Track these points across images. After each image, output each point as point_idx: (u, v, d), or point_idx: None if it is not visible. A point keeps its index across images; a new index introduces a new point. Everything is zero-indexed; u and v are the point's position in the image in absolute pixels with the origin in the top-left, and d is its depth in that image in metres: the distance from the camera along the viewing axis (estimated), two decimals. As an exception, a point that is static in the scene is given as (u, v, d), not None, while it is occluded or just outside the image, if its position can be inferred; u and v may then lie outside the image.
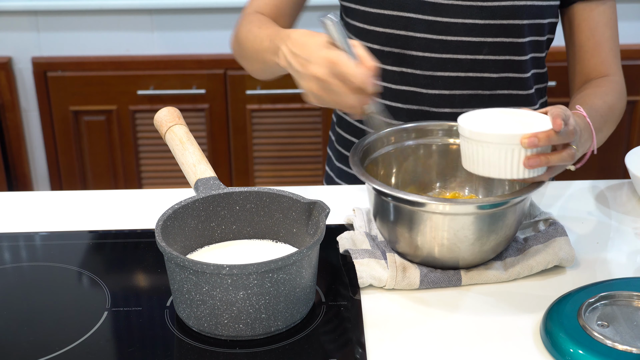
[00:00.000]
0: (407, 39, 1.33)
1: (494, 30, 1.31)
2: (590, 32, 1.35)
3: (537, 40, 1.36)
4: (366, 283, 1.07)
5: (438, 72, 1.34)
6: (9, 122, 2.53)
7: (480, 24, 1.30)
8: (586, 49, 1.36)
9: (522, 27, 1.31)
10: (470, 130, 1.05)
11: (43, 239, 1.23)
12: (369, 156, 1.18)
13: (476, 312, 1.04)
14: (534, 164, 1.03)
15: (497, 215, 1.05)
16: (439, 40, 1.32)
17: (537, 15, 1.32)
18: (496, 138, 1.03)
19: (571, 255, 1.12)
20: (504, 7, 1.29)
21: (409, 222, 1.06)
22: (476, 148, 1.05)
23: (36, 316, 1.03)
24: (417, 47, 1.33)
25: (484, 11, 1.29)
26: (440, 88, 1.35)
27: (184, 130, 1.16)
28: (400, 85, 1.36)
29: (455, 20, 1.30)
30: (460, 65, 1.33)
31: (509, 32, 1.31)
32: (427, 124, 1.23)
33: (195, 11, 2.46)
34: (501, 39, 1.32)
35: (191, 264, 0.94)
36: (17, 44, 2.47)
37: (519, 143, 1.02)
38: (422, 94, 1.35)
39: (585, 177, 2.21)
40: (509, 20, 1.30)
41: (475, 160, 1.06)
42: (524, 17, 1.31)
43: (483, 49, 1.32)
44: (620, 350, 0.91)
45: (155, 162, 2.56)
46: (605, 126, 1.28)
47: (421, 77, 1.34)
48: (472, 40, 1.31)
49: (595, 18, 1.35)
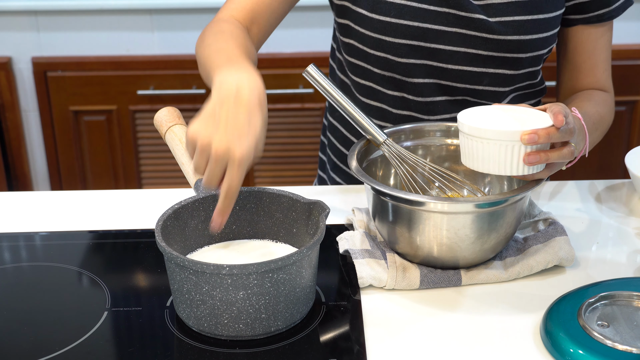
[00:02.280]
0: (408, 66, 1.30)
1: (496, 62, 1.29)
2: (587, 55, 1.34)
3: (534, 70, 1.34)
4: (366, 283, 1.07)
5: (437, 97, 1.32)
6: (9, 122, 2.53)
7: (484, 55, 1.28)
8: (581, 69, 1.35)
9: (524, 60, 1.29)
10: (470, 127, 1.05)
11: (43, 239, 1.23)
12: (367, 157, 1.18)
13: (476, 312, 1.04)
14: (533, 160, 1.03)
15: (496, 214, 1.05)
16: (443, 68, 1.30)
17: (539, 47, 1.29)
18: (496, 134, 1.03)
19: (571, 255, 1.12)
20: (510, 42, 1.26)
21: (408, 222, 1.06)
22: (476, 144, 1.05)
23: (36, 316, 1.03)
24: (419, 74, 1.30)
25: (489, 43, 1.27)
26: (440, 113, 1.34)
27: (184, 130, 1.16)
28: (400, 110, 1.35)
29: (458, 49, 1.27)
30: (459, 92, 1.32)
31: (510, 64, 1.29)
32: (424, 125, 1.23)
33: (195, 11, 2.46)
34: (502, 71, 1.30)
35: (191, 264, 0.94)
36: (17, 44, 2.47)
37: (518, 139, 1.02)
38: (421, 119, 1.34)
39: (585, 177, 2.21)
40: (512, 54, 1.28)
41: (474, 156, 1.06)
42: (527, 51, 1.28)
43: (484, 80, 1.30)
44: (620, 350, 0.91)
45: (155, 162, 2.56)
46: (595, 133, 1.28)
47: (422, 104, 1.33)
48: (473, 70, 1.29)
49: (594, 41, 1.34)
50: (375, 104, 1.36)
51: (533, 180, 1.07)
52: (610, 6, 1.30)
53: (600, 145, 1.51)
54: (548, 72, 1.54)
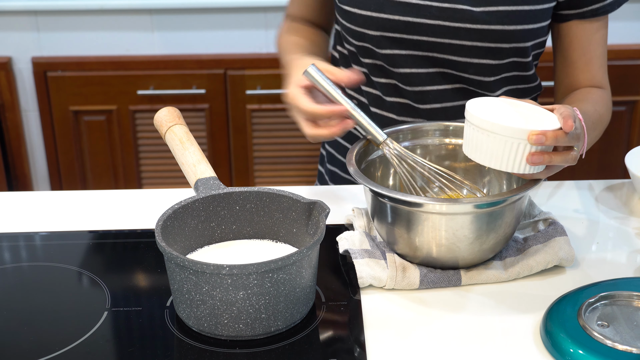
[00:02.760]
0: (394, 57, 1.32)
1: (481, 52, 1.29)
2: (582, 50, 1.34)
3: (522, 61, 1.34)
4: (366, 283, 1.07)
5: (427, 87, 1.33)
6: (9, 122, 2.53)
7: (468, 46, 1.28)
8: (577, 65, 1.35)
9: (524, 49, 1.30)
10: (479, 118, 1.04)
11: (43, 239, 1.23)
12: (365, 158, 1.18)
13: (476, 312, 1.04)
14: (536, 161, 1.03)
15: (495, 214, 1.05)
16: (428, 57, 1.30)
17: (523, 39, 1.29)
18: (504, 130, 1.02)
19: (571, 255, 1.12)
20: (493, 31, 1.26)
21: (407, 223, 1.06)
22: (481, 136, 1.04)
23: (36, 316, 1.03)
24: (404, 64, 1.32)
25: (472, 34, 1.27)
26: (431, 102, 1.34)
27: (184, 130, 1.16)
28: (393, 98, 1.36)
29: (443, 40, 1.28)
30: (448, 79, 1.32)
31: (494, 54, 1.29)
32: (422, 125, 1.23)
33: (195, 11, 2.46)
34: (487, 61, 1.30)
35: (191, 264, 0.94)
36: (17, 44, 2.47)
37: (525, 138, 1.02)
38: (414, 107, 1.35)
39: (585, 177, 2.21)
40: (497, 44, 1.28)
41: (478, 148, 1.05)
42: (513, 42, 1.28)
43: (469, 69, 1.30)
44: (620, 350, 0.91)
45: (155, 162, 2.56)
46: (594, 133, 1.28)
47: (411, 93, 1.34)
48: (459, 60, 1.30)
49: (589, 36, 1.33)
50: (371, 91, 1.38)
51: (531, 180, 1.07)
52: (605, 0, 1.30)
53: (600, 145, 1.51)
54: (544, 73, 1.54)
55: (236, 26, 2.47)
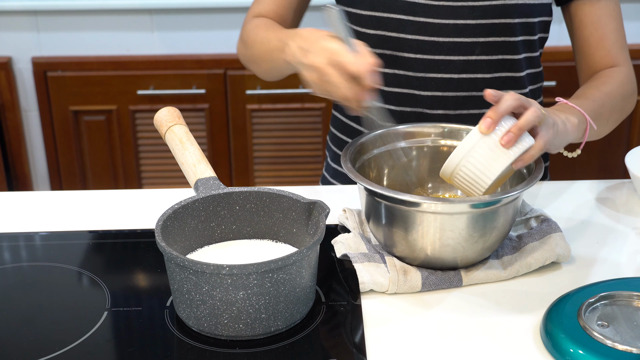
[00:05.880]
0: (399, 41, 1.32)
1: (485, 30, 1.30)
2: (593, 27, 1.34)
3: (529, 39, 1.35)
4: (367, 288, 1.06)
5: (431, 74, 1.33)
6: (9, 122, 2.53)
7: (472, 24, 1.30)
8: (590, 43, 1.35)
9: (514, 25, 1.31)
10: (452, 161, 1.06)
11: (43, 239, 1.23)
12: (360, 157, 1.18)
13: (476, 312, 1.04)
14: (508, 139, 1.03)
15: (493, 213, 1.05)
16: (430, 42, 1.31)
17: (527, 14, 1.31)
18: (465, 146, 1.04)
19: (567, 250, 1.12)
20: (495, 7, 1.29)
21: (404, 223, 1.06)
22: (468, 166, 1.06)
23: (36, 316, 1.03)
24: (409, 49, 1.32)
25: (475, 11, 1.29)
26: (433, 90, 1.34)
27: (184, 130, 1.16)
28: (393, 88, 1.36)
29: (447, 21, 1.30)
30: (453, 66, 1.33)
31: (500, 31, 1.31)
32: (418, 126, 1.23)
33: (195, 11, 2.46)
34: (493, 39, 1.31)
35: (191, 264, 0.94)
36: (17, 44, 2.47)
37: (481, 136, 1.03)
38: (415, 95, 1.35)
39: (585, 177, 2.21)
40: (500, 19, 1.30)
41: (478, 177, 1.06)
42: (515, 16, 1.30)
43: (475, 50, 1.32)
44: (620, 350, 0.91)
45: (155, 162, 2.56)
46: (604, 109, 1.27)
47: (414, 79, 1.34)
48: (464, 40, 1.31)
49: (597, 12, 1.34)
50: None
51: (530, 177, 1.07)
52: None
53: (600, 145, 1.51)
54: (551, 72, 1.54)
55: (236, 26, 2.46)
